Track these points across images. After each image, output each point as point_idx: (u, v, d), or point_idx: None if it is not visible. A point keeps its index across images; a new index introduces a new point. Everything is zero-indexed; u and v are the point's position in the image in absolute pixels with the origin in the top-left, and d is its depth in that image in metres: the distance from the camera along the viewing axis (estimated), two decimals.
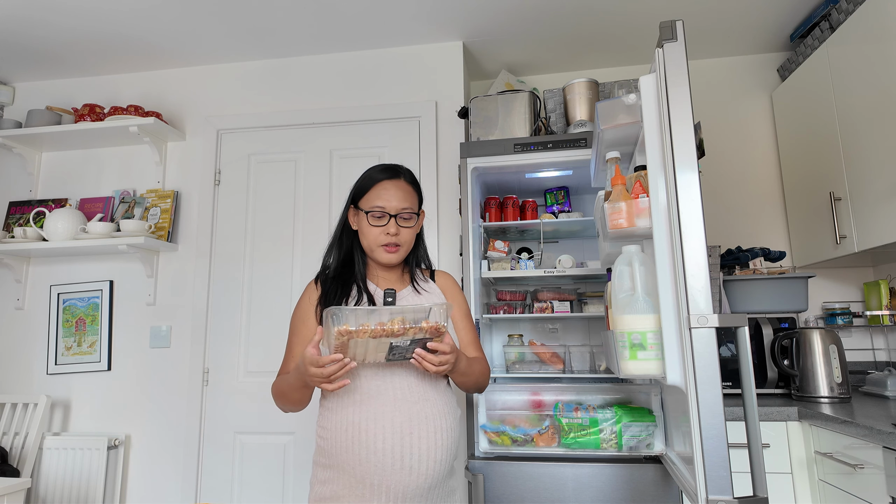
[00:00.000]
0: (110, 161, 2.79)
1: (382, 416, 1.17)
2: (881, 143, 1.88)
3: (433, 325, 1.12)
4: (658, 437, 1.74)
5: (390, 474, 1.15)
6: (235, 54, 2.70)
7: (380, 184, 1.33)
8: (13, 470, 2.26)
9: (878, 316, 2.31)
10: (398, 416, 1.18)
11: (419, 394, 1.22)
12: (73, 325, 2.65)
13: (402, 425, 1.17)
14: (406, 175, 1.37)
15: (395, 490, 1.15)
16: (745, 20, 2.45)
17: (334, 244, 1.39)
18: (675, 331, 1.11)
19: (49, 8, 2.26)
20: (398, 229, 1.30)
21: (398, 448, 1.15)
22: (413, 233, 1.35)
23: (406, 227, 1.32)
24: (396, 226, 1.30)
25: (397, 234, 1.30)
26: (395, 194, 1.31)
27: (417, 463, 1.16)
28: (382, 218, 1.30)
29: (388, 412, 1.18)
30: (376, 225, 1.30)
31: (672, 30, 1.15)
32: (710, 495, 1.02)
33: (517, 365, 2.14)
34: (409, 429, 1.17)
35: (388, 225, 1.30)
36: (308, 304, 1.33)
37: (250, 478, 2.42)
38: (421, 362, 1.13)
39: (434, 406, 1.23)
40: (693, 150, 1.11)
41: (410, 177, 1.38)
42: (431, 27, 2.49)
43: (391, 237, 1.29)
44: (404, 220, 1.31)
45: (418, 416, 1.19)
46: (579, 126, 2.11)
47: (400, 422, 1.17)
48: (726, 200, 2.66)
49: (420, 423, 1.19)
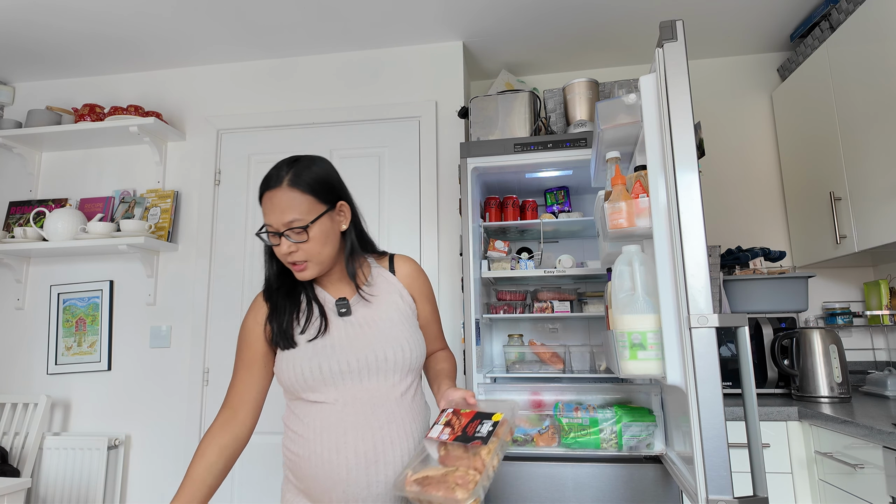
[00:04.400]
0: (110, 161, 2.79)
1: (345, 447, 1.08)
2: (881, 143, 1.88)
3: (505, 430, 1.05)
4: (658, 437, 1.74)
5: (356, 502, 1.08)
6: (235, 54, 2.70)
7: (263, 197, 1.13)
8: (13, 470, 2.26)
9: (878, 316, 2.31)
10: (361, 445, 1.08)
11: (384, 417, 1.12)
12: (73, 325, 2.65)
13: (367, 454, 1.08)
14: (293, 178, 1.11)
15: None
16: (745, 20, 2.45)
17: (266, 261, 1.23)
18: (675, 331, 1.11)
19: (49, 10, 2.26)
20: (291, 247, 1.10)
21: (363, 478, 1.08)
22: (319, 244, 1.12)
23: (300, 241, 1.10)
24: (288, 244, 1.10)
25: (292, 252, 1.11)
26: (275, 208, 1.10)
27: (384, 490, 1.09)
28: (275, 237, 1.12)
29: (351, 442, 1.08)
30: (274, 244, 1.13)
31: (672, 30, 1.15)
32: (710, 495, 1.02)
33: (517, 365, 2.14)
34: (374, 457, 1.09)
35: (281, 244, 1.11)
36: (253, 323, 1.20)
37: (250, 478, 2.42)
38: None
39: (400, 427, 1.13)
40: (693, 150, 1.11)
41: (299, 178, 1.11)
42: (431, 27, 2.49)
43: (287, 256, 1.12)
44: (296, 234, 1.10)
45: (383, 441, 1.10)
46: (579, 126, 2.11)
47: (364, 451, 1.08)
48: (726, 200, 2.66)
49: (386, 449, 1.10)
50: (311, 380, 1.11)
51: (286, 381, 1.13)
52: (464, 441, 1.01)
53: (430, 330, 1.32)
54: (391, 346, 1.15)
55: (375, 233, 2.53)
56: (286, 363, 1.13)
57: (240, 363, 1.19)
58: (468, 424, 1.04)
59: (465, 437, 1.02)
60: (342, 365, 1.12)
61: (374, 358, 1.13)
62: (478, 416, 1.06)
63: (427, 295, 1.30)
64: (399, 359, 1.15)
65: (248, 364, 1.19)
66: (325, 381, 1.11)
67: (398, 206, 2.54)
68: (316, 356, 1.12)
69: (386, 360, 1.14)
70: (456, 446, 1.02)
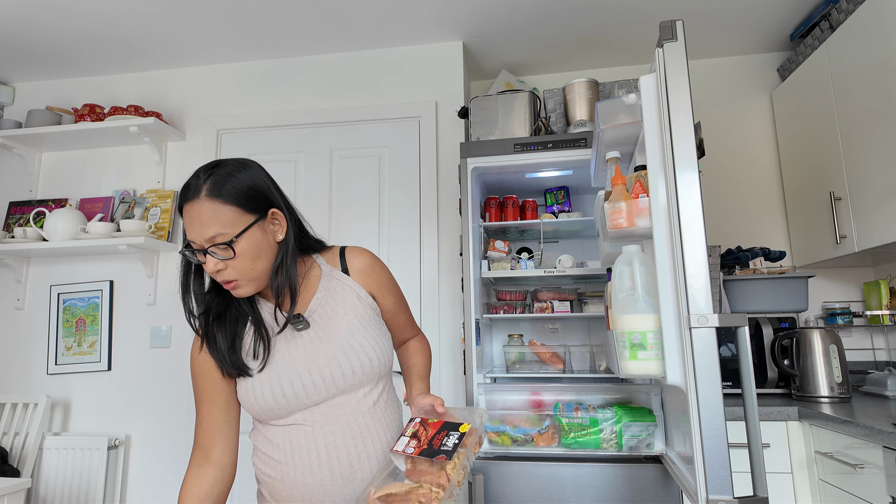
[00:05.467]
0: (110, 161, 2.79)
1: (319, 468, 1.02)
2: (881, 143, 1.88)
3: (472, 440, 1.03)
4: (658, 436, 1.74)
5: None
6: (235, 54, 2.70)
7: (183, 209, 0.99)
8: (13, 470, 2.26)
9: (878, 316, 2.31)
10: (337, 465, 1.03)
11: (358, 432, 1.05)
12: (73, 325, 2.65)
13: (343, 473, 1.03)
14: (212, 187, 0.97)
15: None
16: (745, 20, 2.45)
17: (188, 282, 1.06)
18: (675, 331, 1.11)
19: (49, 10, 2.26)
20: (218, 264, 0.98)
21: (339, 496, 1.03)
22: (249, 258, 0.99)
23: (226, 258, 0.97)
24: (215, 261, 0.98)
25: (220, 269, 0.98)
26: (195, 222, 0.97)
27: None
28: (200, 254, 0.99)
29: (325, 462, 1.02)
30: (201, 262, 1.00)
31: (672, 30, 1.15)
32: (711, 495, 1.02)
33: (517, 365, 2.14)
34: (350, 475, 1.04)
35: (207, 262, 0.98)
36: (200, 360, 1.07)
37: (250, 478, 2.42)
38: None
39: (375, 439, 1.07)
40: (693, 150, 1.12)
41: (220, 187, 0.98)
42: (431, 27, 2.49)
43: (216, 275, 0.99)
44: (221, 250, 0.97)
45: (359, 458, 1.04)
46: (579, 126, 2.11)
47: (339, 470, 1.03)
48: (726, 200, 2.66)
49: (361, 466, 1.04)
50: (276, 407, 1.02)
51: (250, 409, 1.05)
52: (429, 455, 0.99)
53: (399, 320, 1.23)
54: (356, 357, 1.06)
55: (375, 233, 2.53)
56: (246, 393, 1.04)
57: (201, 398, 1.06)
58: (434, 437, 1.02)
59: (430, 450, 1.00)
60: (306, 385, 1.03)
61: (339, 373, 1.05)
62: (445, 427, 1.03)
63: (387, 286, 1.19)
64: (367, 369, 1.07)
65: (209, 398, 1.06)
66: (291, 405, 1.03)
67: (398, 206, 2.54)
68: (277, 380, 1.02)
69: (353, 372, 1.06)
70: (421, 460, 1.00)
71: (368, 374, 1.08)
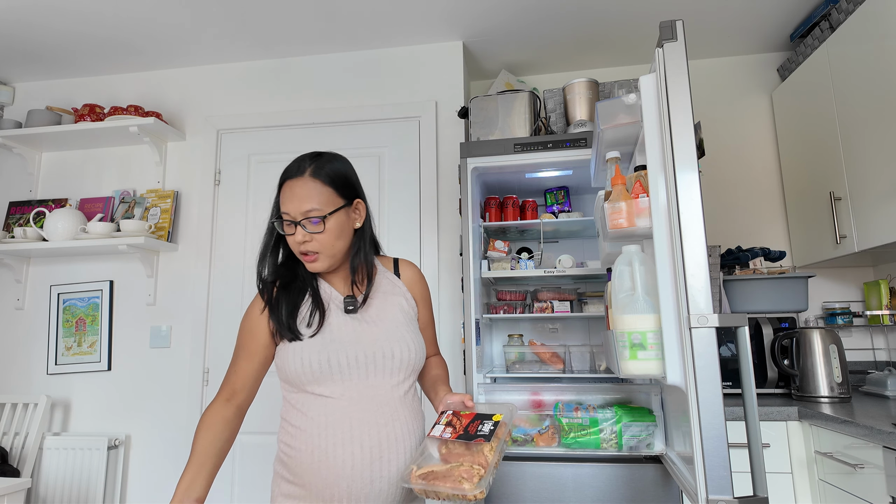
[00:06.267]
0: (110, 161, 2.79)
1: (352, 442, 1.10)
2: (881, 143, 1.88)
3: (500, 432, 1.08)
4: (658, 436, 1.74)
5: (358, 498, 1.09)
6: (235, 54, 2.70)
7: (284, 185, 1.16)
8: (13, 470, 2.26)
9: (878, 316, 2.31)
10: (367, 441, 1.10)
11: (389, 414, 1.14)
12: (73, 325, 2.65)
13: (373, 450, 1.10)
14: (315, 168, 1.15)
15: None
16: (745, 20, 2.45)
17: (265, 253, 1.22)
18: (675, 331, 1.11)
19: (49, 11, 2.26)
20: (306, 237, 1.13)
21: (367, 473, 1.09)
22: (333, 236, 1.15)
23: (316, 232, 1.13)
24: (304, 233, 1.12)
25: (306, 241, 1.13)
26: (295, 196, 1.13)
27: (387, 486, 1.11)
28: (290, 226, 1.14)
29: (357, 437, 1.10)
30: (288, 234, 1.15)
31: (672, 30, 1.15)
32: (711, 495, 1.02)
33: (517, 365, 2.14)
34: (378, 453, 1.10)
35: (296, 233, 1.13)
36: (258, 314, 1.20)
37: (250, 478, 2.42)
38: None
39: (404, 426, 1.15)
40: (693, 150, 1.12)
41: (321, 170, 1.15)
42: (431, 27, 2.49)
43: (301, 246, 1.14)
44: (313, 224, 1.12)
45: (388, 438, 1.12)
46: (579, 126, 2.11)
47: (370, 446, 1.10)
48: (726, 200, 2.66)
49: (390, 446, 1.12)
50: (318, 372, 1.12)
51: (292, 372, 1.14)
52: (466, 439, 1.04)
53: (426, 334, 1.34)
54: (398, 345, 1.17)
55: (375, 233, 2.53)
56: (293, 354, 1.14)
57: (242, 352, 1.20)
58: (469, 424, 1.08)
59: (467, 435, 1.05)
60: (350, 359, 1.13)
61: (381, 354, 1.15)
62: (478, 417, 1.10)
63: (427, 300, 1.33)
64: (405, 357, 1.17)
65: (250, 353, 1.19)
66: (332, 375, 1.13)
67: (398, 206, 2.54)
68: (325, 349, 1.13)
69: (392, 356, 1.16)
70: (458, 444, 1.05)
71: (405, 363, 1.17)
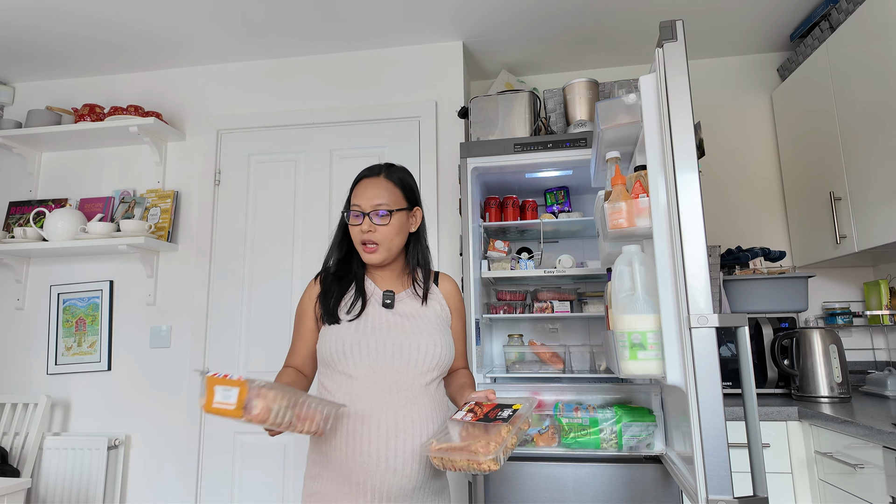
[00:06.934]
0: (110, 161, 2.79)
1: (370, 419, 1.20)
2: (881, 143, 1.88)
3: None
4: (658, 437, 1.74)
5: (374, 474, 1.17)
6: (235, 54, 2.70)
7: (359, 183, 1.34)
8: (13, 470, 2.26)
9: (878, 316, 2.31)
10: (384, 419, 1.20)
11: (408, 399, 1.23)
12: (73, 325, 2.65)
13: (389, 428, 1.19)
14: (388, 172, 1.35)
15: (379, 489, 1.18)
16: (745, 20, 2.45)
17: (334, 246, 1.39)
18: (675, 331, 1.11)
19: (49, 11, 2.26)
20: (372, 227, 1.29)
21: (383, 450, 1.18)
22: (394, 231, 1.30)
23: (381, 224, 1.29)
24: (370, 223, 1.29)
25: (371, 231, 1.29)
26: (369, 191, 1.30)
27: (402, 465, 1.18)
28: (358, 217, 1.30)
29: (376, 415, 1.20)
30: (354, 224, 1.31)
31: (672, 30, 1.15)
32: (711, 495, 1.02)
33: (517, 365, 2.14)
34: (394, 432, 1.19)
35: (363, 223, 1.29)
36: (309, 302, 1.36)
37: (250, 478, 2.42)
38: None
39: (422, 410, 1.24)
40: (693, 150, 1.12)
41: (394, 174, 1.35)
42: (431, 27, 2.49)
43: (365, 234, 1.29)
44: (379, 216, 1.28)
45: (405, 419, 1.21)
46: (579, 126, 2.11)
47: (386, 424, 1.20)
48: (726, 200, 2.66)
49: (406, 427, 1.20)
50: (348, 352, 1.23)
51: (327, 351, 1.26)
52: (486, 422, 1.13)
53: (457, 346, 1.41)
54: (426, 341, 1.27)
55: None
56: (330, 336, 1.27)
57: (296, 335, 1.37)
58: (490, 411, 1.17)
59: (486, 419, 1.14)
60: (379, 345, 1.24)
61: (408, 345, 1.26)
62: (499, 406, 1.19)
63: (461, 313, 1.43)
64: (431, 353, 1.26)
65: (303, 337, 1.36)
66: (361, 358, 1.24)
67: None
68: (358, 333, 1.26)
69: (419, 349, 1.26)
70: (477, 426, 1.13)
71: (430, 357, 1.27)
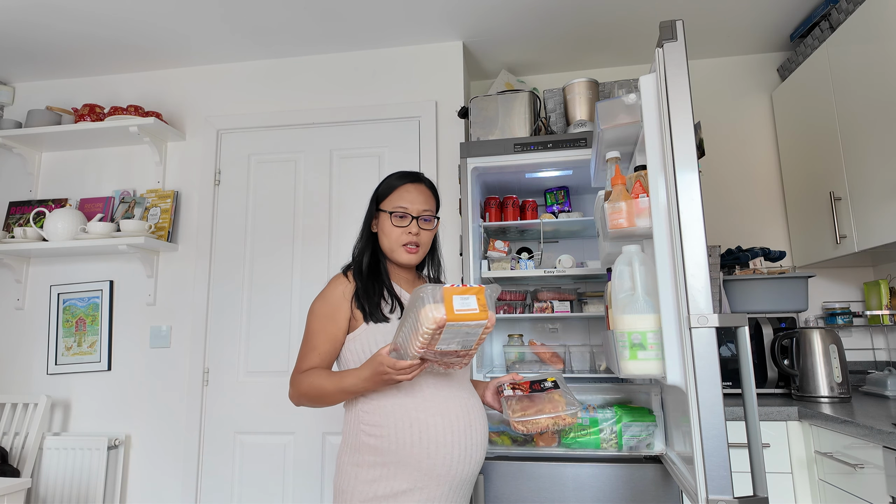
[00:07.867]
0: (110, 161, 2.79)
1: (447, 412, 1.24)
2: (881, 143, 1.88)
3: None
4: (658, 436, 1.74)
5: (455, 465, 1.21)
6: (235, 54, 2.70)
7: (403, 186, 1.40)
8: (13, 470, 2.26)
9: (878, 316, 2.31)
10: (457, 410, 1.25)
11: (467, 388, 1.32)
12: (73, 325, 2.65)
13: (462, 418, 1.24)
14: (426, 181, 1.46)
15: (457, 479, 1.23)
16: (745, 20, 2.45)
17: (366, 244, 1.41)
18: (675, 331, 1.11)
19: (49, 11, 2.26)
20: (419, 230, 1.37)
21: (462, 440, 1.23)
22: (431, 236, 1.42)
23: (426, 228, 1.38)
24: (418, 226, 1.37)
25: (418, 234, 1.36)
26: (417, 197, 1.38)
27: (476, 451, 1.25)
28: (405, 218, 1.36)
29: (452, 407, 1.25)
30: (398, 225, 1.36)
31: (672, 30, 1.15)
32: (711, 495, 1.02)
33: (517, 365, 2.13)
34: (468, 421, 1.25)
35: (410, 225, 1.36)
36: (342, 298, 1.32)
37: (250, 478, 2.42)
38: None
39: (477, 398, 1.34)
40: (693, 150, 1.12)
41: (430, 184, 1.46)
42: (431, 27, 2.49)
43: (412, 237, 1.35)
44: (425, 221, 1.38)
45: (473, 408, 1.28)
46: (579, 126, 2.11)
47: (459, 415, 1.25)
48: (726, 200, 2.66)
49: (474, 414, 1.27)
50: None
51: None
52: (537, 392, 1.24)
53: None
54: None
55: None
56: (383, 336, 1.26)
57: (322, 336, 1.30)
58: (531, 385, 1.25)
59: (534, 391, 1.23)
60: None
61: None
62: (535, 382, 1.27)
63: None
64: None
65: (333, 337, 1.30)
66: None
67: None
68: None
69: None
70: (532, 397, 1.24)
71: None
